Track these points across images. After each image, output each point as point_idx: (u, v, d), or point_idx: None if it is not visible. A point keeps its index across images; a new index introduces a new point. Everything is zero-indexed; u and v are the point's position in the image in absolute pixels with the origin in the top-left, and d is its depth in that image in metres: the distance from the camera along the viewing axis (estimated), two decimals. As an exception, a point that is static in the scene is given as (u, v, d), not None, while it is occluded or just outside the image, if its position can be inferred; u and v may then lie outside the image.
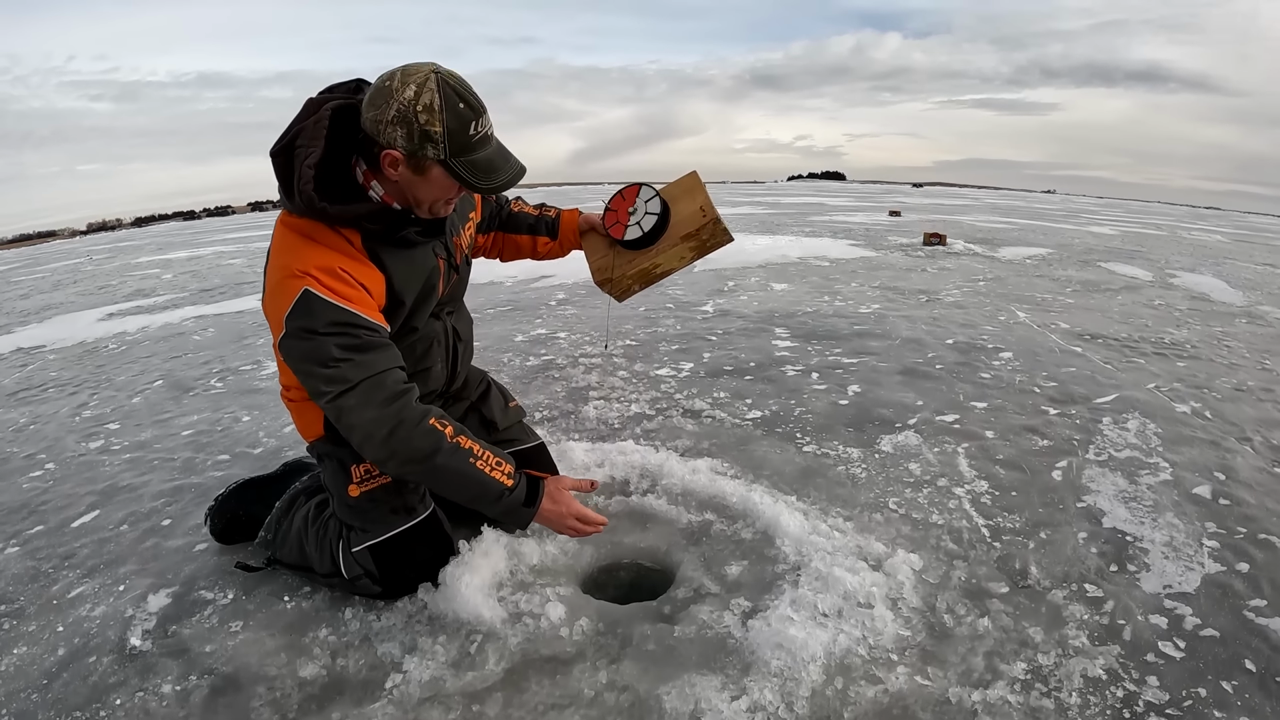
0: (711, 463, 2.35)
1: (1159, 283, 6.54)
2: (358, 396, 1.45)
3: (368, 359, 1.47)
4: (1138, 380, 3.31)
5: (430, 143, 1.40)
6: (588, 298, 5.53)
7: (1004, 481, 2.28)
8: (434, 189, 1.49)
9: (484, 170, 1.46)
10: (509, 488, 1.58)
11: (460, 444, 1.53)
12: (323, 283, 1.44)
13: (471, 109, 1.42)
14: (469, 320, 2.00)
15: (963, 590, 1.74)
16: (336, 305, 1.44)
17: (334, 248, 1.49)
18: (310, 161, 1.44)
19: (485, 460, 1.55)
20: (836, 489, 2.22)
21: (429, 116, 1.38)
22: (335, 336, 1.44)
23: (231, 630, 1.68)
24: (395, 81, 1.39)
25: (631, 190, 1.98)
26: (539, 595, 1.66)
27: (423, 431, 1.49)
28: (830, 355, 3.70)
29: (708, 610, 1.61)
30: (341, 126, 1.47)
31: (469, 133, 1.42)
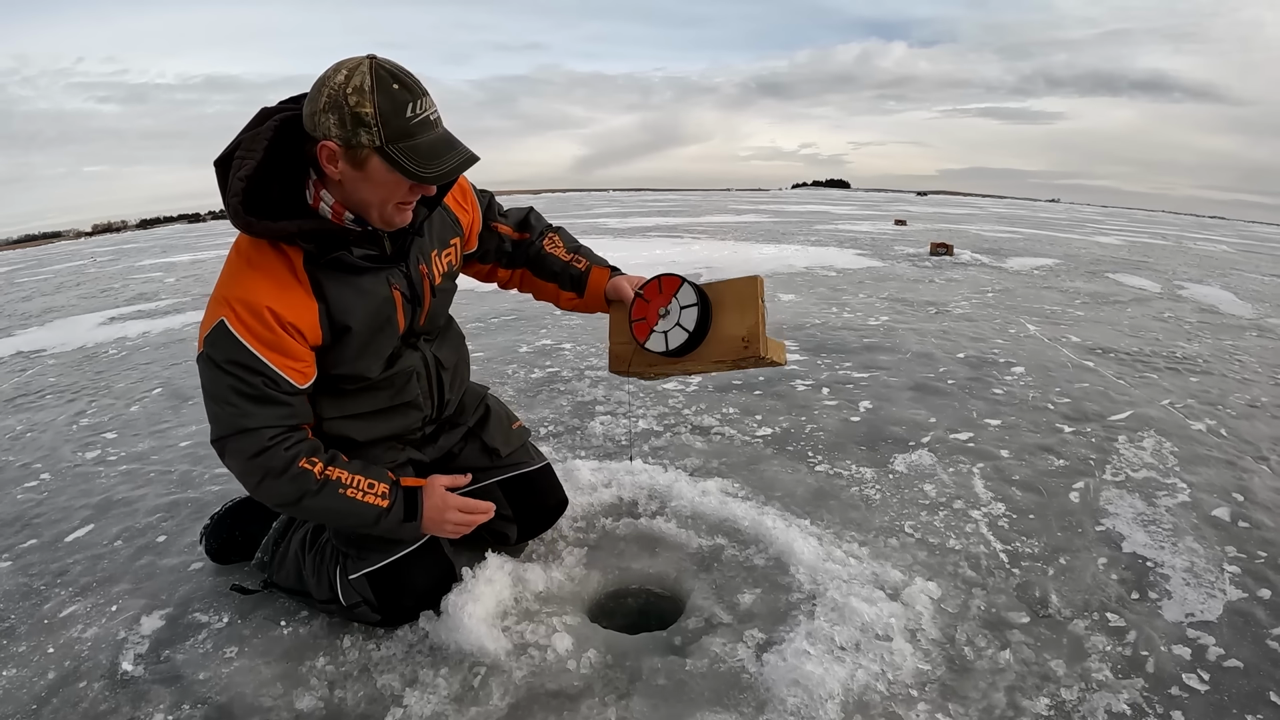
0: (722, 483, 2.30)
1: (1167, 295, 6.50)
2: (230, 445, 1.43)
3: (250, 410, 1.41)
4: (1151, 397, 3.27)
5: (363, 127, 1.28)
6: (593, 307, 5.47)
7: (1021, 504, 2.23)
8: (378, 187, 1.36)
9: (425, 156, 1.33)
10: (384, 509, 1.52)
11: (330, 476, 1.47)
12: (241, 319, 1.37)
13: (408, 89, 1.30)
14: (457, 342, 1.86)
15: (982, 620, 1.69)
16: (244, 346, 1.38)
17: (270, 275, 1.40)
18: (242, 173, 1.35)
19: (356, 487, 1.50)
20: (850, 512, 2.16)
21: (359, 98, 1.27)
22: (231, 377, 1.39)
23: (226, 656, 1.63)
24: (327, 71, 1.31)
25: (671, 283, 1.62)
26: (545, 625, 1.61)
27: (289, 478, 1.44)
28: (840, 370, 3.65)
29: (720, 642, 1.55)
30: (289, 138, 1.38)
31: (405, 114, 1.30)
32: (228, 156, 1.39)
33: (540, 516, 1.96)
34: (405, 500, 1.56)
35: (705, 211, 21.47)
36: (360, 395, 1.62)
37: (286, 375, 1.43)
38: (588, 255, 1.88)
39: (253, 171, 1.35)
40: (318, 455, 1.49)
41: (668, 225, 15.07)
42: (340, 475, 1.49)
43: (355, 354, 1.54)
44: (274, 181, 1.38)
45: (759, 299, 1.52)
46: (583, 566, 1.85)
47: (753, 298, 1.52)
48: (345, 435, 1.64)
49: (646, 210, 22.46)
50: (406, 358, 1.66)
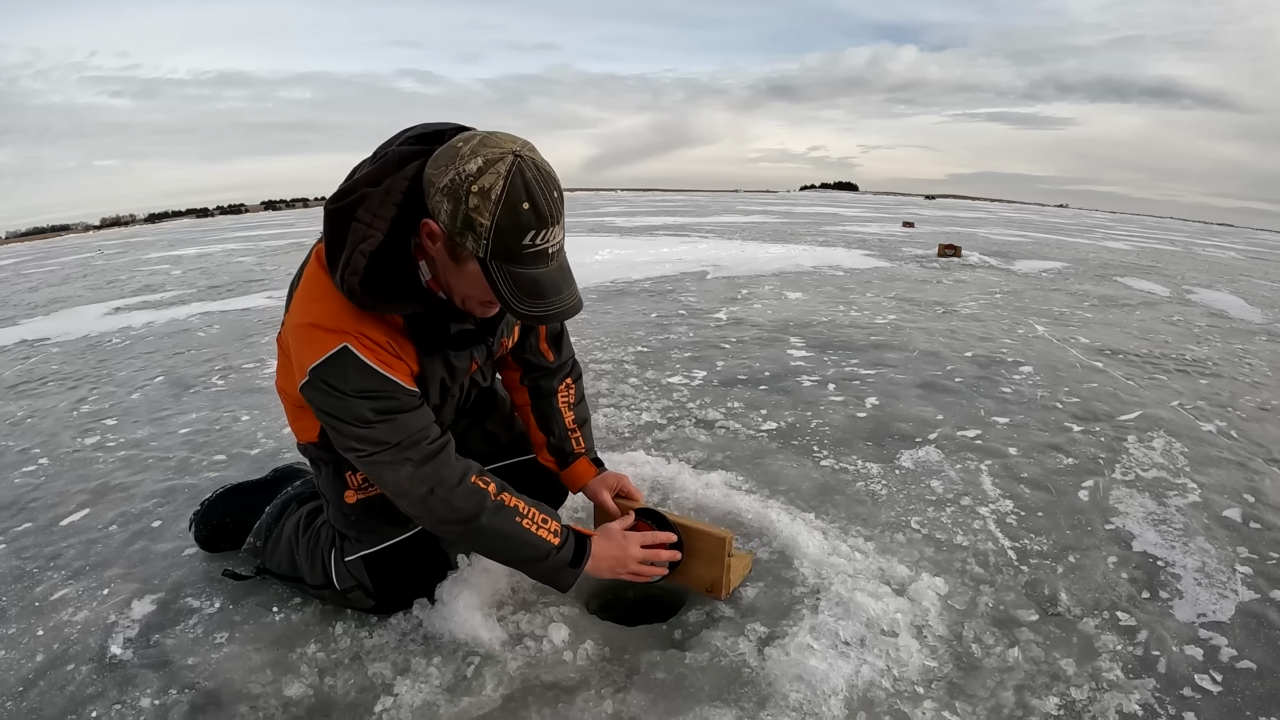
0: (725, 476, 2.25)
1: (1176, 299, 6.46)
2: (392, 454, 1.36)
3: (402, 420, 1.36)
4: (1161, 398, 3.24)
5: (472, 233, 1.16)
6: (598, 303, 5.46)
7: (1029, 501, 2.19)
8: (468, 284, 1.27)
9: (525, 289, 1.21)
10: (555, 546, 1.45)
11: (505, 502, 1.42)
12: (364, 344, 1.31)
13: (536, 213, 1.15)
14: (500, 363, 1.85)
15: (990, 618, 1.64)
16: (373, 369, 1.32)
17: (381, 324, 1.35)
18: (366, 247, 1.24)
19: (531, 518, 1.44)
20: (856, 507, 2.12)
21: (480, 203, 1.14)
22: (367, 401, 1.33)
23: (216, 642, 1.59)
24: (467, 146, 1.17)
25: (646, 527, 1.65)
26: (541, 615, 1.57)
27: (464, 492, 1.39)
28: (847, 366, 3.62)
29: (721, 636, 1.51)
30: (416, 204, 1.26)
31: (522, 240, 1.16)
32: (348, 209, 1.27)
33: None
34: (576, 543, 1.49)
35: (713, 212, 21.46)
36: None
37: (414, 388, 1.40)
38: (586, 437, 1.83)
39: (377, 247, 1.25)
40: (488, 477, 1.45)
41: (675, 224, 15.07)
42: (517, 504, 1.44)
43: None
44: (399, 254, 1.29)
45: (725, 555, 1.58)
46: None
47: (720, 555, 1.59)
48: None
49: (654, 210, 22.47)
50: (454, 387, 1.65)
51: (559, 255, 1.24)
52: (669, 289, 6.15)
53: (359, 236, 1.24)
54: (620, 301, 5.60)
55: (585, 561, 1.49)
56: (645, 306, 5.37)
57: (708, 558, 1.61)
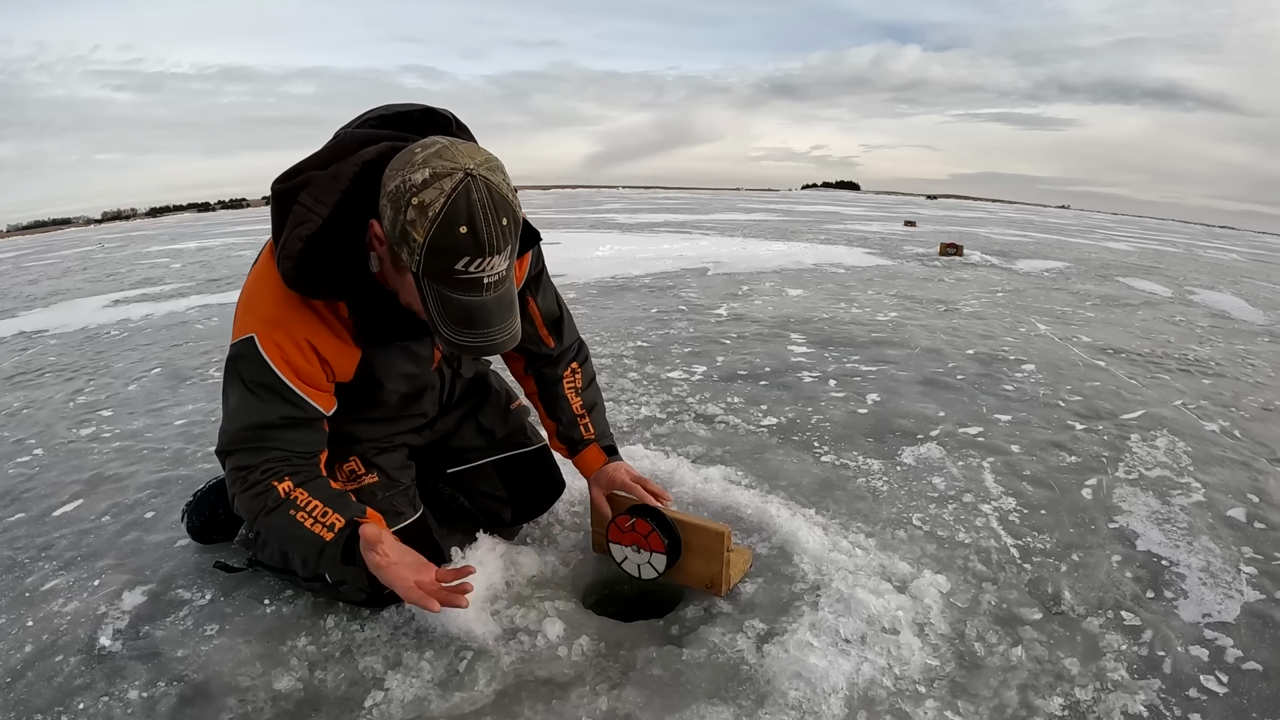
0: (725, 471, 2.23)
1: (1178, 299, 6.44)
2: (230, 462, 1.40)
3: (260, 434, 1.36)
4: (1164, 397, 3.21)
5: (406, 246, 1.11)
6: (598, 298, 5.44)
7: (1032, 499, 2.17)
8: (407, 293, 1.23)
9: (456, 317, 1.15)
10: (326, 541, 1.35)
11: (286, 497, 1.36)
12: (274, 340, 1.29)
13: (475, 239, 1.08)
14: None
15: (993, 616, 1.61)
16: (270, 369, 1.30)
17: (319, 315, 1.32)
18: (304, 231, 1.20)
19: (310, 512, 1.35)
20: (857, 503, 2.09)
21: (417, 216, 1.08)
22: (251, 398, 1.33)
23: (206, 634, 1.57)
24: (423, 154, 1.11)
25: (645, 527, 1.58)
26: (536, 610, 1.54)
27: (253, 494, 1.37)
28: (848, 363, 3.59)
29: (719, 632, 1.48)
30: (368, 188, 1.20)
31: (454, 265, 1.10)
32: (292, 192, 1.23)
33: (536, 499, 1.89)
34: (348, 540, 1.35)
35: (714, 210, 21.43)
36: (373, 404, 1.58)
37: (315, 402, 1.37)
38: (596, 422, 1.74)
39: (315, 231, 1.21)
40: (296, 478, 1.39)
41: (676, 222, 15.04)
42: (299, 497, 1.37)
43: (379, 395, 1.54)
44: (338, 242, 1.23)
45: (724, 550, 1.56)
46: (578, 551, 1.79)
47: (718, 551, 1.56)
48: (348, 432, 1.59)
49: (655, 208, 22.44)
50: (425, 376, 1.62)
51: (498, 287, 1.16)
52: (669, 285, 6.12)
53: (298, 220, 1.22)
54: (620, 297, 5.58)
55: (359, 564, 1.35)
56: (645, 302, 5.34)
57: (706, 553, 1.58)
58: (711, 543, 1.57)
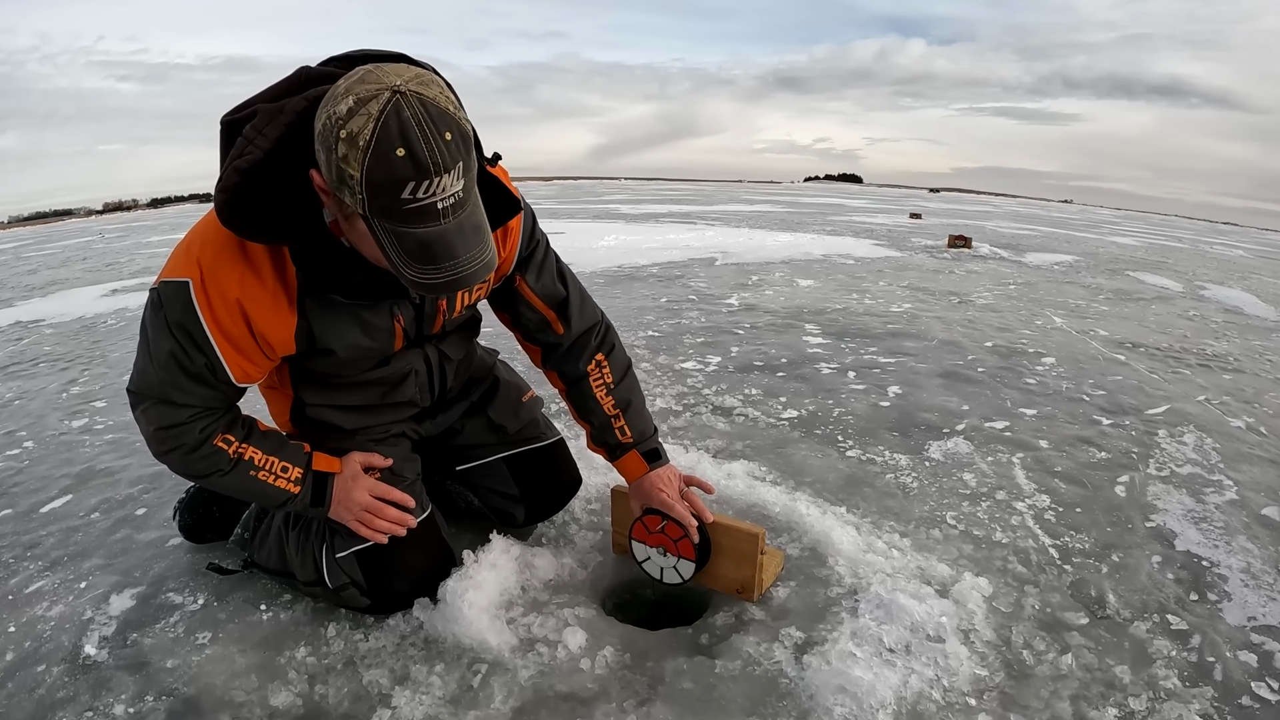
0: (748, 466, 2.12)
1: (1190, 294, 6.34)
2: (147, 408, 1.31)
3: (182, 384, 1.25)
4: (1186, 392, 3.14)
5: (346, 188, 0.97)
6: (605, 287, 5.33)
7: (1065, 496, 2.09)
8: (364, 243, 1.08)
9: (415, 254, 1.00)
10: (293, 495, 1.41)
11: (243, 456, 1.36)
12: (209, 295, 1.18)
13: (415, 162, 0.93)
14: (470, 327, 1.64)
15: (1038, 621, 1.53)
16: (199, 321, 1.19)
17: (255, 270, 1.19)
18: (242, 164, 1.07)
19: (269, 469, 1.38)
20: (887, 500, 1.99)
21: (348, 151, 0.94)
22: (175, 342, 1.21)
23: (198, 643, 1.47)
24: (345, 83, 0.98)
25: (676, 531, 1.47)
26: (555, 618, 1.43)
27: (201, 456, 1.33)
28: (865, 354, 3.50)
29: (753, 642, 1.37)
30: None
31: (401, 195, 0.95)
32: (238, 124, 1.11)
33: (551, 496, 1.77)
34: (314, 486, 1.43)
35: (718, 201, 21.32)
36: (347, 389, 1.48)
37: (230, 368, 1.26)
38: (633, 423, 1.56)
39: (254, 165, 1.07)
40: (234, 431, 1.36)
41: (681, 212, 14.94)
42: (254, 455, 1.37)
43: (334, 365, 1.40)
44: (280, 179, 1.09)
45: (758, 553, 1.45)
46: (597, 552, 1.67)
47: (752, 554, 1.46)
48: (330, 423, 1.49)
49: (659, 199, 22.33)
50: (403, 358, 1.48)
51: (457, 210, 1.00)
52: (678, 274, 6.01)
53: (238, 152, 1.09)
54: (629, 286, 5.47)
55: (327, 504, 1.43)
56: (654, 291, 5.24)
57: (738, 556, 1.47)
58: (744, 545, 1.46)
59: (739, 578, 1.49)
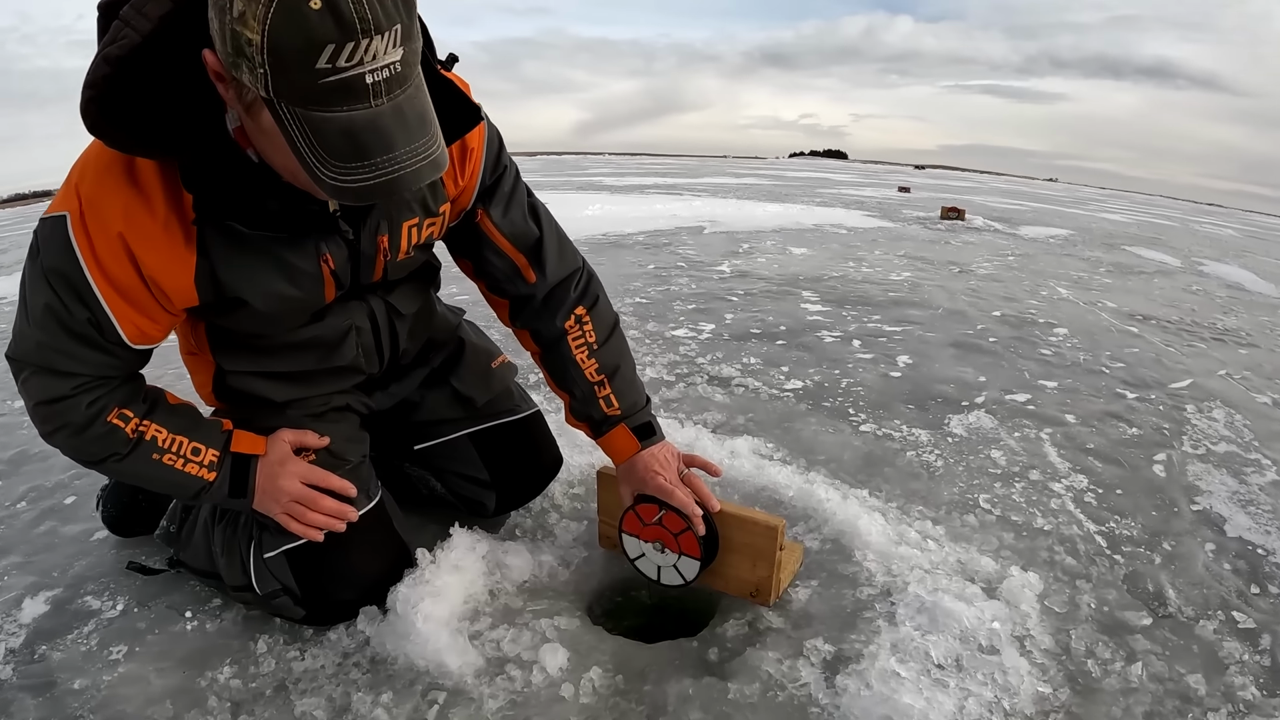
0: (753, 443, 1.88)
1: (1189, 270, 6.22)
2: (28, 378, 1.07)
3: (67, 347, 1.02)
4: (1206, 367, 3.01)
5: (245, 60, 0.73)
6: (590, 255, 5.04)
7: (1104, 477, 1.91)
8: (273, 146, 0.84)
9: (337, 148, 0.76)
10: (208, 483, 1.16)
11: (144, 435, 1.12)
12: (87, 228, 0.94)
13: (337, 18, 0.69)
14: (424, 277, 1.38)
15: (1098, 623, 1.33)
16: (78, 263, 0.95)
17: (144, 195, 0.94)
18: (115, 51, 0.82)
19: (176, 451, 1.14)
20: (911, 482, 1.77)
21: (246, 7, 0.70)
22: (53, 293, 0.98)
23: (111, 659, 1.23)
24: None
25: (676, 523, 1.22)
26: (530, 631, 1.17)
27: (93, 437, 1.09)
28: (869, 322, 3.30)
29: (773, 658, 1.13)
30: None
31: (315, 64, 0.71)
32: (116, 5, 0.85)
33: (527, 480, 1.52)
34: (233, 472, 1.17)
35: (703, 174, 21.07)
36: (275, 354, 1.22)
37: (120, 325, 1.01)
38: (621, 392, 1.30)
39: (131, 51, 0.82)
40: (132, 405, 1.12)
41: (666, 184, 14.68)
42: (157, 434, 1.12)
43: (254, 323, 1.15)
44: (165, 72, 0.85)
45: (776, 549, 1.20)
46: (582, 546, 1.42)
47: (769, 550, 1.21)
48: (257, 395, 1.25)
49: (644, 171, 22.05)
50: (340, 313, 1.21)
51: (393, 89, 0.75)
52: (665, 242, 5.76)
53: (111, 37, 0.83)
54: (614, 254, 5.22)
55: (251, 494, 1.18)
56: (641, 259, 5.00)
57: (752, 553, 1.22)
58: (760, 539, 1.21)
59: (753, 579, 1.24)
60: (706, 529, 1.21)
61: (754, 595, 1.25)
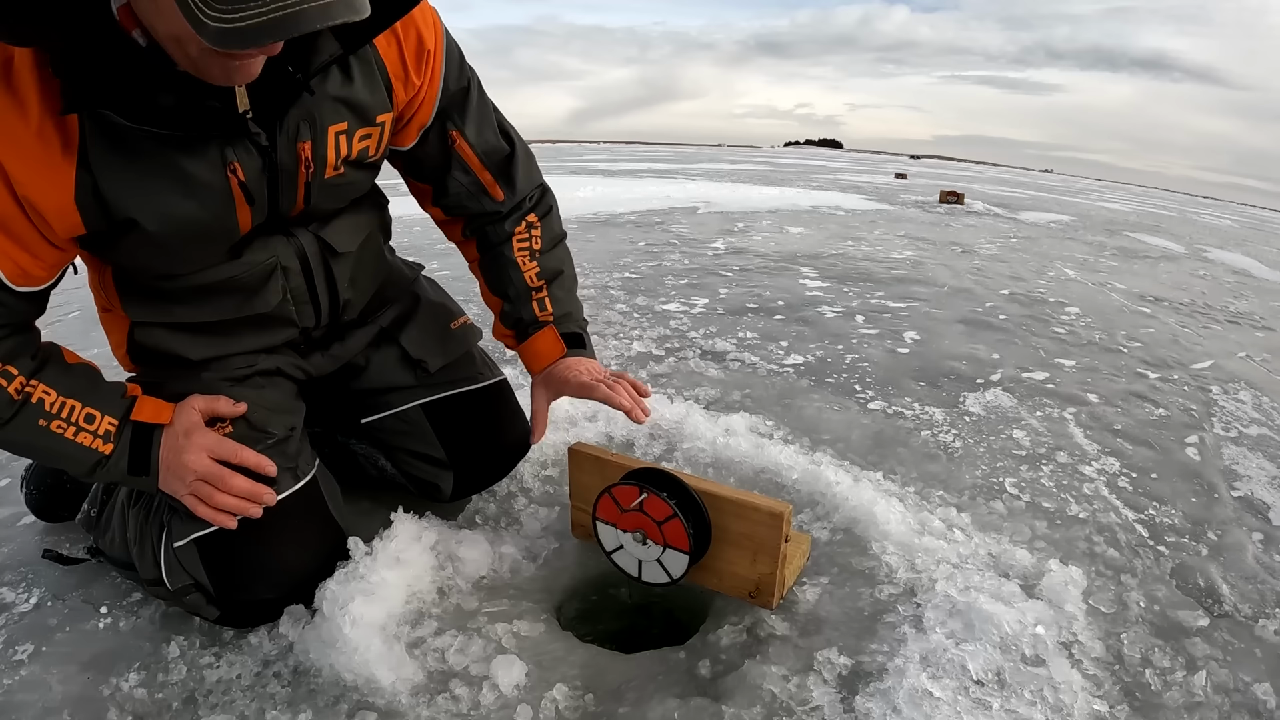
0: (750, 420, 1.68)
1: (1194, 256, 6.10)
2: None
3: None
4: (1225, 349, 2.89)
5: None
6: (580, 233, 4.87)
7: (1135, 460, 1.75)
8: (162, 15, 0.71)
9: None
10: (103, 456, 0.97)
11: (30, 398, 0.94)
12: None
13: None
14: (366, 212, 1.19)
15: (1151, 625, 1.16)
16: None
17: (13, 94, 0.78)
18: None
19: (67, 418, 0.95)
20: (928, 464, 1.58)
21: None
22: None
23: (15, 659, 1.06)
24: None
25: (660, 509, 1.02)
26: (483, 638, 0.97)
27: None
28: (872, 299, 3.12)
29: (777, 673, 0.93)
30: None
31: None
32: None
33: (489, 459, 1.30)
34: (133, 443, 0.98)
35: (698, 161, 20.88)
36: (187, 301, 1.03)
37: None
38: (558, 299, 1.22)
39: None
40: (17, 362, 0.93)
41: (661, 169, 14.49)
42: (45, 397, 0.94)
43: (156, 257, 0.97)
44: None
45: (781, 540, 1.00)
46: (553, 536, 1.22)
47: (772, 542, 1.01)
48: (171, 352, 1.06)
49: (638, 158, 21.85)
50: (262, 248, 1.02)
51: None
52: (658, 221, 5.56)
53: None
54: (605, 231, 5.02)
55: (154, 470, 0.99)
56: (632, 236, 4.80)
57: (752, 544, 1.02)
58: (761, 528, 1.00)
59: (753, 576, 1.04)
60: (698, 515, 1.01)
61: (754, 595, 1.06)
